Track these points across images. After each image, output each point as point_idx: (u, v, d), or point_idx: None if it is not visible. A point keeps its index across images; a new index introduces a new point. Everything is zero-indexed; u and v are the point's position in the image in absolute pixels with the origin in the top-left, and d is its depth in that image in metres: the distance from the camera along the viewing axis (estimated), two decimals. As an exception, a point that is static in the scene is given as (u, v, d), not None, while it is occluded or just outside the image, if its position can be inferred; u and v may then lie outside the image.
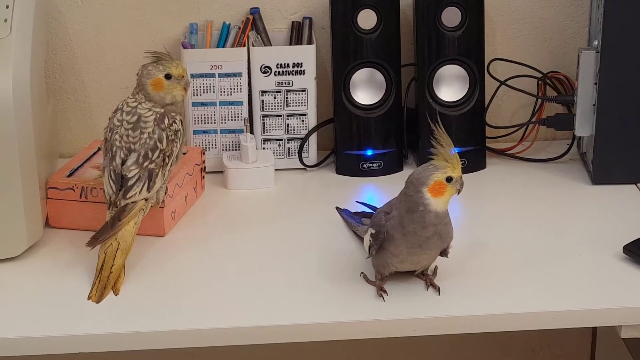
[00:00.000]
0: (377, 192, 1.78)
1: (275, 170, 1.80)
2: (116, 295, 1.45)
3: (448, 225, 1.42)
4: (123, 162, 1.52)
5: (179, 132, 1.56)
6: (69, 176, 1.66)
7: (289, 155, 1.84)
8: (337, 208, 1.68)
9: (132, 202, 1.51)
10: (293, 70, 1.80)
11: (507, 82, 1.87)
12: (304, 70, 1.80)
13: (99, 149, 1.74)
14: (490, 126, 1.87)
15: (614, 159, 1.74)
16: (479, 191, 1.77)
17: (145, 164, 1.52)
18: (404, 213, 1.40)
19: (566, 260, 1.54)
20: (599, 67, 1.71)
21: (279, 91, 1.81)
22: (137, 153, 1.52)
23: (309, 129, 1.83)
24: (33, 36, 1.56)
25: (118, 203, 1.51)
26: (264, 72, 1.80)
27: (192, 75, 1.78)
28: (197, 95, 1.80)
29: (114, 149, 1.53)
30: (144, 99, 1.55)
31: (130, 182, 1.51)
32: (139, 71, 1.57)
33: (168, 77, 1.56)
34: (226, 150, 1.83)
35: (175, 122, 1.56)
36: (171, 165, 1.56)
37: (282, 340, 1.41)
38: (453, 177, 1.38)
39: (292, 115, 1.82)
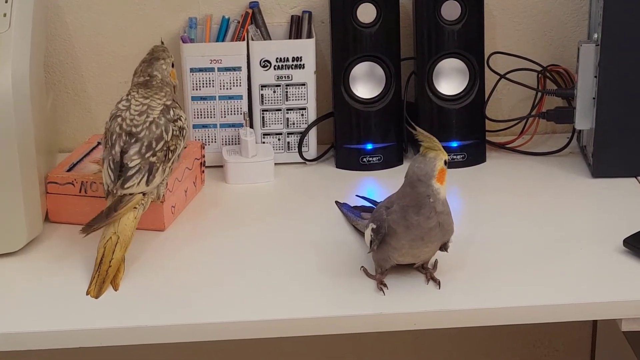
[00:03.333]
0: (377, 186, 1.78)
1: (275, 164, 1.79)
2: (116, 290, 1.45)
3: (450, 215, 1.42)
4: (123, 152, 1.52)
5: (184, 131, 1.57)
6: (68, 171, 1.66)
7: (288, 149, 1.84)
8: (336, 202, 1.68)
9: (130, 195, 1.50)
10: (292, 64, 1.80)
11: (507, 76, 1.86)
12: (303, 64, 1.80)
13: (99, 143, 1.74)
14: (490, 120, 1.87)
15: (614, 152, 1.74)
16: (479, 185, 1.77)
17: (148, 155, 1.52)
18: (407, 207, 1.40)
19: (566, 253, 1.54)
20: (599, 60, 1.71)
21: (278, 85, 1.81)
22: (141, 143, 1.52)
23: (309, 123, 1.83)
24: (32, 31, 1.56)
25: (114, 192, 1.50)
26: (264, 66, 1.80)
27: (192, 70, 1.79)
28: (196, 89, 1.80)
29: (114, 137, 1.53)
30: (166, 95, 1.58)
31: (130, 172, 1.51)
32: (154, 72, 1.59)
33: (173, 65, 1.63)
34: (226, 144, 1.83)
35: (181, 119, 1.56)
36: (173, 162, 1.56)
37: (282, 335, 1.41)
38: (446, 159, 1.40)
39: (291, 109, 1.82)
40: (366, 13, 1.78)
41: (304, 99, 1.82)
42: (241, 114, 1.81)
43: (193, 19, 1.83)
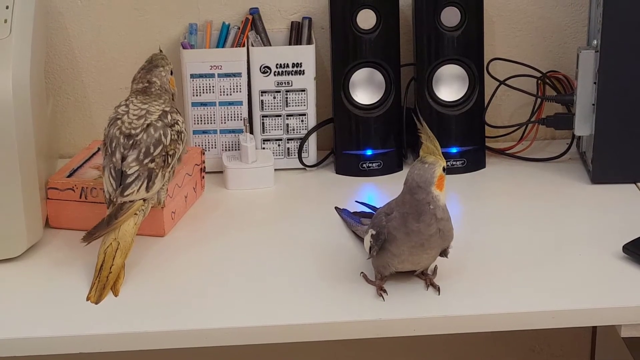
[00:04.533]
0: (377, 192, 1.78)
1: (275, 170, 1.80)
2: (116, 295, 1.45)
3: (449, 221, 1.42)
4: (123, 158, 1.52)
5: (182, 134, 1.57)
6: (68, 176, 1.66)
7: (288, 155, 1.84)
8: (336, 208, 1.68)
9: (130, 202, 1.50)
10: (292, 70, 1.80)
11: (507, 82, 1.87)
12: (303, 70, 1.80)
13: (99, 149, 1.74)
14: (489, 126, 1.87)
15: (614, 158, 1.74)
16: (479, 191, 1.77)
17: (146, 161, 1.52)
18: (407, 214, 1.40)
19: (566, 259, 1.54)
20: (598, 66, 1.71)
21: (278, 91, 1.81)
22: (139, 149, 1.52)
23: (309, 129, 1.83)
24: (33, 37, 1.56)
25: (115, 200, 1.50)
26: (264, 72, 1.80)
27: (192, 76, 1.79)
28: (196, 95, 1.80)
29: (114, 144, 1.53)
30: (165, 102, 1.58)
31: (129, 180, 1.51)
32: (153, 79, 1.59)
33: (172, 72, 1.63)
34: (226, 150, 1.83)
35: (178, 124, 1.56)
36: (173, 167, 1.56)
37: (282, 340, 1.41)
38: (444, 166, 1.40)
39: (291, 115, 1.83)
40: (366, 19, 1.78)
41: (304, 105, 1.82)
42: (241, 119, 1.82)
43: (193, 25, 1.83)
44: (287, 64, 1.80)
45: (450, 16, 1.78)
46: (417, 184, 1.40)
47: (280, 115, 1.82)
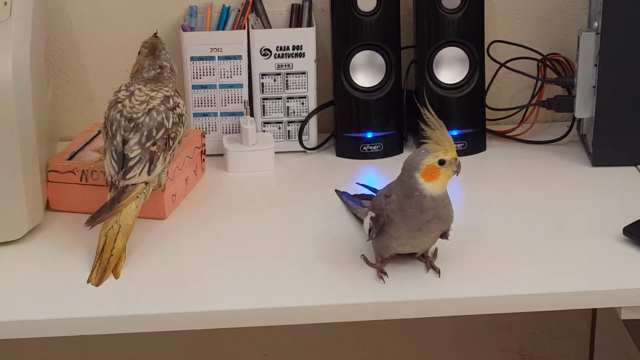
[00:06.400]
0: (377, 174, 1.78)
1: (275, 153, 1.80)
2: (116, 278, 1.45)
3: (447, 207, 1.42)
4: (124, 142, 1.52)
5: (183, 117, 1.57)
6: (69, 159, 1.66)
7: (289, 137, 1.84)
8: (336, 191, 1.68)
9: (132, 185, 1.51)
10: (293, 53, 1.80)
11: (507, 64, 1.86)
12: (303, 53, 1.80)
13: (99, 132, 1.74)
14: (490, 108, 1.87)
15: (614, 141, 1.74)
16: (479, 173, 1.77)
17: (148, 144, 1.52)
18: (402, 198, 1.40)
19: (566, 242, 1.54)
20: (599, 48, 1.71)
21: (279, 74, 1.81)
22: (141, 132, 1.52)
23: (309, 112, 1.83)
24: (33, 19, 1.55)
25: (117, 184, 1.50)
26: (264, 55, 1.80)
27: (192, 58, 1.78)
28: (197, 78, 1.80)
29: (114, 126, 1.53)
30: (173, 85, 1.58)
31: (131, 163, 1.51)
32: (164, 63, 1.58)
33: None
34: (226, 133, 1.83)
35: (179, 107, 1.56)
36: (173, 150, 1.56)
37: (282, 323, 1.42)
38: (446, 159, 1.38)
39: (292, 98, 1.82)
40: (366, 1, 1.77)
41: (305, 88, 1.82)
42: (242, 102, 1.81)
43: (193, 7, 1.82)
44: (288, 46, 1.79)
45: (451, -2, 1.78)
46: (404, 166, 1.39)
47: (280, 98, 1.82)
